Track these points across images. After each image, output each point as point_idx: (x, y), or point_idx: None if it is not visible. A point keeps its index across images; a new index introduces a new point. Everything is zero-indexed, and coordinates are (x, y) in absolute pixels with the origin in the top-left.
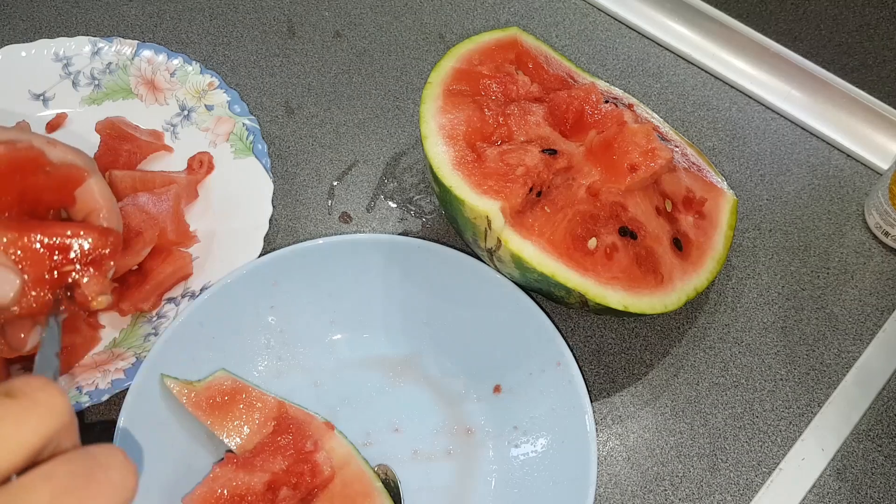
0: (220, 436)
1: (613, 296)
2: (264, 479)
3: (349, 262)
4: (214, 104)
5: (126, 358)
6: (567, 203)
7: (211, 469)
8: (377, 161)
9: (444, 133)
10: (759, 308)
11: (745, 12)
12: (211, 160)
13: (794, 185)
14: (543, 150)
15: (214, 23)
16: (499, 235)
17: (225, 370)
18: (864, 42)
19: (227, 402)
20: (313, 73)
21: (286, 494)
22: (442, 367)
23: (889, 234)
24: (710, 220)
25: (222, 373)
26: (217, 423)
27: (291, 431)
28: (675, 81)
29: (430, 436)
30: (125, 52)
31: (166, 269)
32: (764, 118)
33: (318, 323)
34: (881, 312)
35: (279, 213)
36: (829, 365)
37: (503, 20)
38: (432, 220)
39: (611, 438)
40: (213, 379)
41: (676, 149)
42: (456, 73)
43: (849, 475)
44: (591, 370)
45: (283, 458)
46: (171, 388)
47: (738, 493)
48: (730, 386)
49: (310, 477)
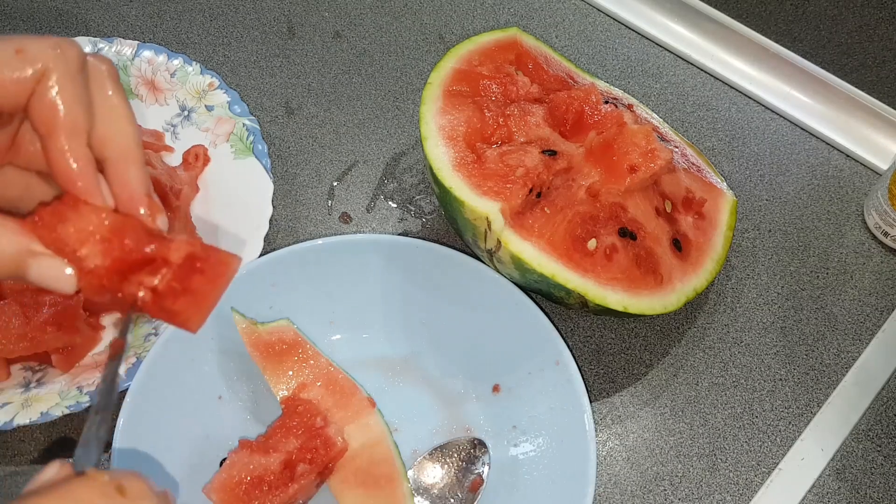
0: (269, 382)
1: (613, 296)
2: (280, 459)
3: (349, 263)
4: (214, 104)
5: (126, 358)
6: (567, 204)
7: (220, 462)
8: (377, 161)
9: (444, 134)
10: (758, 308)
11: (744, 12)
12: (206, 152)
13: (794, 185)
14: (543, 151)
15: (214, 23)
16: (499, 236)
17: (289, 320)
18: (863, 42)
19: (284, 351)
20: (313, 73)
21: (304, 469)
22: (441, 366)
23: (888, 235)
24: (710, 221)
25: (286, 322)
26: (270, 368)
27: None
28: (674, 82)
29: (429, 435)
30: (125, 53)
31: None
32: (763, 118)
33: (318, 323)
34: (880, 312)
35: (279, 213)
36: (828, 365)
37: (503, 21)
38: (432, 220)
39: (610, 438)
40: (276, 326)
41: (676, 149)
42: (456, 74)
43: (848, 475)
44: (590, 370)
45: (294, 437)
46: (237, 324)
47: (738, 493)
48: (729, 386)
49: (324, 450)
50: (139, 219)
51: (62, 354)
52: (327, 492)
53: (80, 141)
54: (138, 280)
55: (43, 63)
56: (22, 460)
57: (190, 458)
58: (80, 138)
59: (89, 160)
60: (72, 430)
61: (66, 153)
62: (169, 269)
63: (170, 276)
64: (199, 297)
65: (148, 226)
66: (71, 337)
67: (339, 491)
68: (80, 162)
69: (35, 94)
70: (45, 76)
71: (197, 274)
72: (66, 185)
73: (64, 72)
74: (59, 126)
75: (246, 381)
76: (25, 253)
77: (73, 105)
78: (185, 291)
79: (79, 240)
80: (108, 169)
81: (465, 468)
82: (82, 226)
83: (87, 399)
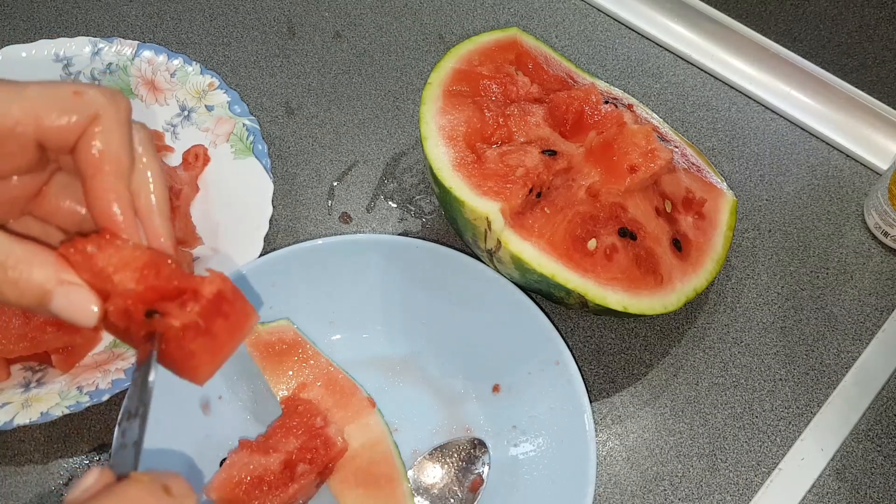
0: (269, 382)
1: (613, 296)
2: (280, 459)
3: (349, 263)
4: (214, 104)
5: (126, 358)
6: (567, 204)
7: (220, 462)
8: (377, 161)
9: (444, 134)
10: (758, 308)
11: (744, 12)
12: (206, 152)
13: (794, 185)
14: (543, 151)
15: (214, 23)
16: (499, 236)
17: (289, 320)
18: (863, 42)
19: (284, 352)
20: (313, 73)
21: (304, 469)
22: (441, 366)
23: (888, 235)
24: (710, 221)
25: (286, 322)
26: (270, 368)
27: (300, 412)
28: (674, 82)
29: (429, 435)
30: (125, 53)
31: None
32: (763, 118)
33: (318, 323)
34: (880, 312)
35: (279, 213)
36: (828, 365)
37: (503, 20)
38: (432, 220)
39: (610, 438)
40: (276, 326)
41: (676, 149)
42: (456, 74)
43: (848, 475)
44: (590, 370)
45: (294, 437)
46: None
47: (738, 493)
48: (729, 386)
49: (323, 450)
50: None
51: (62, 354)
52: (327, 492)
53: (124, 183)
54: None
55: (98, 107)
56: (22, 460)
57: (190, 458)
58: (124, 181)
59: (130, 202)
60: (72, 430)
61: (110, 193)
62: (197, 302)
63: (197, 310)
64: (216, 345)
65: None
66: (71, 337)
67: (339, 491)
68: (122, 202)
69: (85, 135)
70: (97, 120)
71: (221, 318)
72: (106, 223)
73: (115, 118)
74: (105, 167)
75: (246, 381)
76: (55, 281)
77: (120, 149)
78: (206, 332)
79: (115, 267)
80: (139, 218)
81: (465, 468)
82: (120, 256)
83: (88, 399)
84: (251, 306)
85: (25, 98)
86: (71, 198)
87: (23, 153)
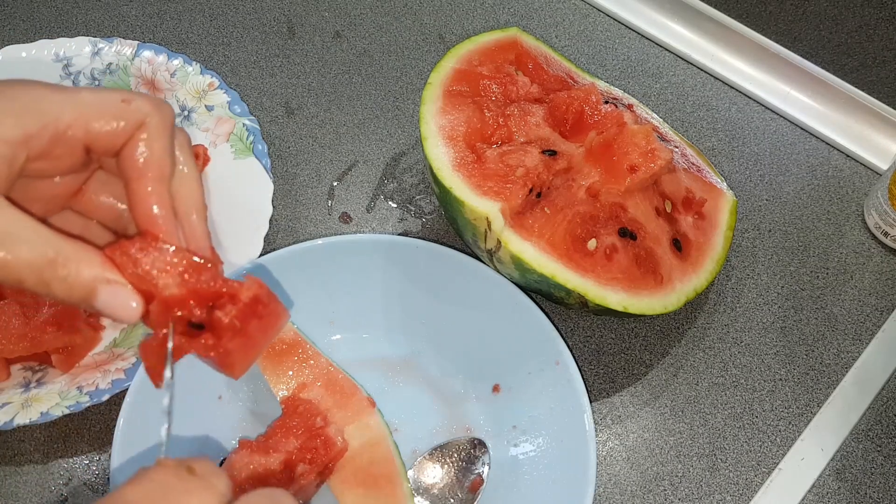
0: (269, 382)
1: (613, 297)
2: (280, 459)
3: (349, 263)
4: (214, 104)
5: (126, 358)
6: (567, 204)
7: (220, 462)
8: (377, 161)
9: (444, 134)
10: (758, 308)
11: (744, 12)
12: (206, 152)
13: (794, 185)
14: (543, 151)
15: (214, 23)
16: (499, 236)
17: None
18: (863, 42)
19: (284, 352)
20: (313, 73)
21: (304, 469)
22: (441, 367)
23: (888, 235)
24: (710, 221)
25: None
26: (270, 368)
27: (300, 412)
28: (674, 82)
29: (429, 435)
30: (125, 53)
31: None
32: (763, 118)
33: (318, 323)
34: (880, 313)
35: (279, 213)
36: (828, 365)
37: (503, 20)
38: (432, 220)
39: (610, 438)
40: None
41: (676, 149)
42: (456, 74)
43: (848, 475)
44: (590, 370)
45: (294, 437)
46: None
47: (738, 493)
48: (729, 386)
49: (324, 450)
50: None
51: (62, 354)
52: (327, 492)
53: (166, 187)
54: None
55: (144, 114)
56: (22, 460)
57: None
58: (166, 185)
59: (170, 206)
60: (72, 430)
61: (153, 196)
62: (235, 306)
63: (234, 313)
64: (251, 343)
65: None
66: (71, 337)
67: (339, 491)
68: (164, 206)
69: (131, 140)
70: (143, 126)
71: (255, 319)
72: (148, 225)
73: (160, 125)
74: (149, 172)
75: (246, 381)
76: (101, 280)
77: (163, 155)
78: (242, 333)
79: (159, 269)
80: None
81: (465, 468)
82: (163, 259)
83: (88, 399)
84: (283, 306)
85: (78, 103)
86: (110, 194)
87: (71, 155)
